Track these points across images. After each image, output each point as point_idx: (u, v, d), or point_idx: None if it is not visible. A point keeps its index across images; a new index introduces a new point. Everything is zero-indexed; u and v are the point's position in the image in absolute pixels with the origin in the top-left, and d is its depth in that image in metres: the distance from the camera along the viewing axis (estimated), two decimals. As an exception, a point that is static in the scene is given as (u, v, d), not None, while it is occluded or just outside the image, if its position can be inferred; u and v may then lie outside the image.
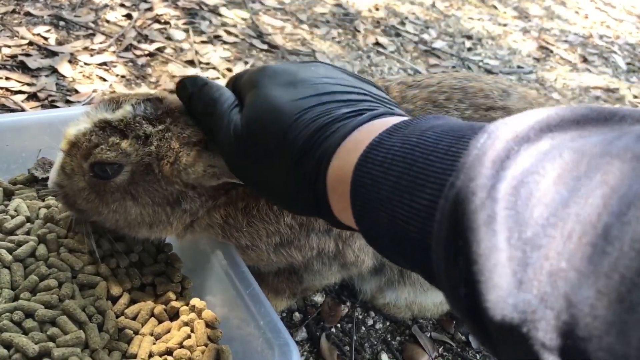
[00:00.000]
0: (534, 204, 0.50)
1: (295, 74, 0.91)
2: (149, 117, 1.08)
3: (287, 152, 0.82)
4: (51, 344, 1.00)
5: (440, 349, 1.48)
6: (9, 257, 1.12)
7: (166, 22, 2.66)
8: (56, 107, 1.92)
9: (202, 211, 1.13)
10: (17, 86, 1.95)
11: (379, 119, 0.79)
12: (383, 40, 3.16)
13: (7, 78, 1.97)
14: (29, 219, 1.23)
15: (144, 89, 2.14)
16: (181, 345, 1.09)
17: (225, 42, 2.66)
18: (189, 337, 1.11)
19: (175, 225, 1.13)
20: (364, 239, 0.76)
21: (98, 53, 2.28)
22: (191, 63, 2.41)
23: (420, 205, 0.62)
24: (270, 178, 0.87)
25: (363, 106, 0.83)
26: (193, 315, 1.15)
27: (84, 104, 1.95)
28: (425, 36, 3.37)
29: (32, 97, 1.94)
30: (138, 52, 2.37)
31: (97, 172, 1.06)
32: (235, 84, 1.01)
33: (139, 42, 2.45)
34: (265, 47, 2.72)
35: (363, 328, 1.49)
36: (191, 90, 1.01)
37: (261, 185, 0.91)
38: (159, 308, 1.16)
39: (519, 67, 3.33)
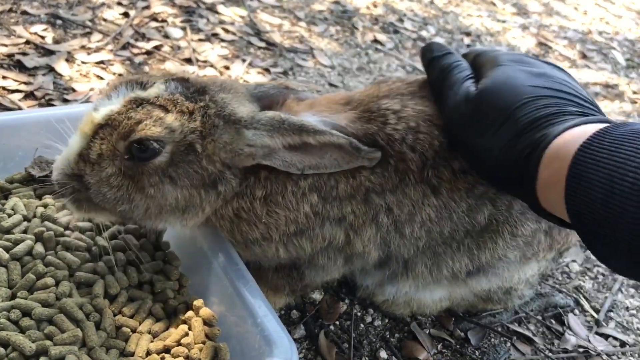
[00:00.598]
0: None
1: (539, 67, 1.03)
2: (185, 94, 1.07)
3: (514, 123, 0.93)
4: (48, 343, 1.00)
5: (439, 346, 1.48)
6: (6, 256, 1.11)
7: (163, 20, 2.65)
8: (53, 105, 1.91)
9: (232, 195, 1.12)
10: (14, 85, 1.95)
11: (603, 123, 0.88)
12: (381, 37, 3.15)
13: (4, 77, 1.96)
14: (25, 218, 1.23)
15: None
16: (179, 343, 1.09)
17: (222, 40, 2.65)
18: (186, 334, 1.11)
19: (207, 210, 1.11)
20: (567, 212, 0.83)
21: (95, 51, 2.27)
22: (189, 61, 2.41)
23: None
24: (490, 144, 0.97)
25: (589, 111, 0.95)
26: (191, 313, 1.15)
27: (81, 103, 1.95)
28: (424, 33, 3.36)
29: (29, 95, 1.94)
30: (135, 51, 2.37)
31: (135, 153, 1.02)
32: (475, 59, 1.13)
33: (136, 40, 2.44)
34: (263, 44, 2.72)
35: (362, 325, 1.49)
36: (435, 54, 1.14)
37: (477, 151, 1.01)
38: (156, 306, 1.15)
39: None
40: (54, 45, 2.23)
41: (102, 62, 2.22)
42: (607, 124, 0.86)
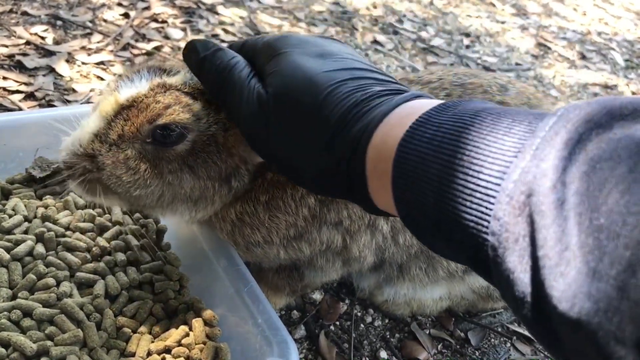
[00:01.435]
0: (608, 190, 0.48)
1: (322, 46, 0.88)
2: None
3: (322, 125, 0.78)
4: (49, 343, 1.00)
5: (439, 346, 1.49)
6: (7, 256, 1.12)
7: (164, 21, 2.65)
8: (54, 106, 1.91)
9: (242, 191, 1.11)
10: (14, 86, 1.95)
11: (420, 99, 0.77)
12: (381, 38, 3.16)
13: (4, 78, 1.97)
14: (26, 218, 1.23)
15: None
16: (179, 344, 1.09)
17: (223, 41, 2.65)
18: (187, 335, 1.11)
19: (217, 203, 1.10)
20: (402, 221, 0.72)
21: (95, 52, 2.27)
22: (189, 62, 2.41)
23: (477, 186, 0.59)
24: (300, 152, 0.83)
25: (394, 86, 0.81)
26: (191, 313, 1.15)
27: (81, 103, 1.95)
28: (424, 34, 3.37)
29: (30, 96, 1.94)
30: (135, 51, 2.37)
31: (158, 138, 0.99)
32: (243, 50, 0.97)
33: (136, 41, 2.45)
34: (263, 45, 2.72)
35: (362, 325, 1.49)
36: (202, 54, 0.94)
37: (288, 161, 0.87)
38: (157, 306, 1.16)
39: (517, 64, 3.33)
40: (55, 46, 2.23)
41: (102, 62, 2.23)
42: (426, 103, 0.74)
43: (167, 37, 2.55)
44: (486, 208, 0.57)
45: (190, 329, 1.12)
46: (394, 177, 0.69)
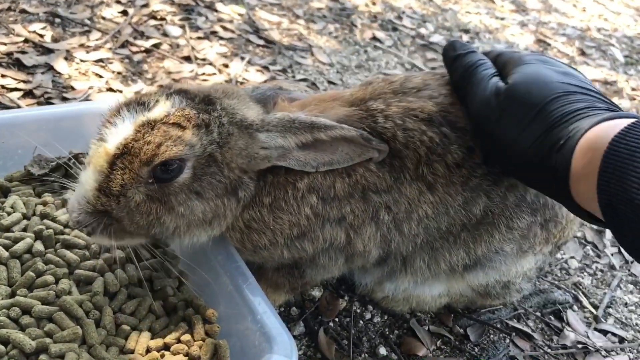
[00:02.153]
0: None
1: (564, 68, 1.06)
2: (194, 106, 1.06)
3: (545, 117, 0.95)
4: (48, 340, 1.00)
5: (438, 342, 1.49)
6: (6, 254, 1.12)
7: (162, 19, 2.65)
8: (52, 104, 1.91)
9: (249, 198, 1.12)
10: (13, 83, 1.95)
11: (633, 118, 0.89)
12: (380, 34, 3.15)
13: (2, 75, 1.96)
14: (25, 216, 1.23)
15: (139, 86, 2.13)
16: (179, 340, 1.09)
17: (221, 38, 2.65)
18: (186, 332, 1.11)
19: (230, 217, 1.12)
20: (601, 211, 0.84)
21: (94, 50, 2.27)
22: (187, 59, 2.41)
23: None
24: (520, 138, 0.98)
25: (616, 108, 0.97)
26: (190, 310, 1.15)
27: (80, 101, 1.95)
28: (423, 30, 3.36)
29: (28, 94, 1.94)
30: (134, 49, 2.37)
31: (159, 176, 1.00)
32: (497, 59, 1.15)
33: (135, 38, 2.44)
34: (261, 42, 2.72)
35: (361, 322, 1.49)
36: (458, 52, 1.16)
37: (507, 145, 1.02)
38: (156, 303, 1.16)
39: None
40: (53, 44, 2.23)
41: (101, 60, 2.22)
42: (637, 117, 0.88)
43: (165, 34, 2.55)
44: None
45: (190, 326, 1.12)
46: (602, 168, 0.82)
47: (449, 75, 1.22)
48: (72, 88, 2.02)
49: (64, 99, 1.95)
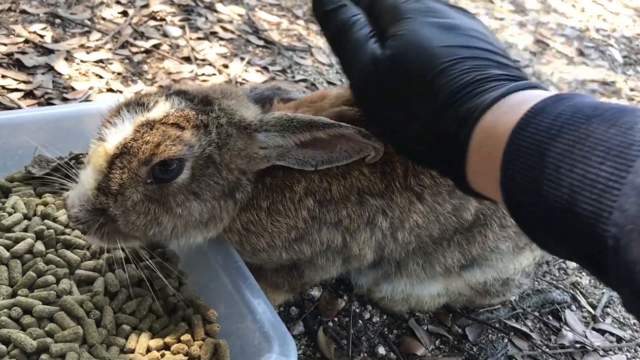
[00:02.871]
0: None
1: (448, 17, 0.88)
2: (193, 107, 1.06)
3: (432, 96, 0.80)
4: (49, 340, 1.01)
5: (437, 342, 1.49)
6: (7, 254, 1.12)
7: (162, 19, 2.66)
8: (53, 104, 1.92)
9: (247, 200, 1.12)
10: (13, 84, 1.95)
11: (534, 89, 0.77)
12: (379, 35, 3.15)
13: (3, 76, 1.97)
14: (26, 216, 1.24)
15: (140, 86, 2.14)
16: (179, 340, 1.10)
17: (221, 39, 2.66)
18: (186, 331, 1.12)
19: (226, 219, 1.12)
20: (505, 206, 0.73)
21: (94, 50, 2.28)
22: (187, 59, 2.41)
23: (598, 177, 0.60)
24: (406, 118, 0.85)
25: (513, 72, 0.81)
26: (190, 310, 1.16)
27: (80, 102, 1.95)
28: (422, 31, 3.36)
29: (29, 94, 1.95)
30: (134, 49, 2.37)
31: (158, 176, 1.00)
32: (373, 6, 0.96)
33: (135, 39, 2.45)
34: (261, 43, 2.72)
35: (360, 322, 1.50)
36: (328, 7, 0.97)
37: (392, 124, 0.89)
38: (156, 303, 1.16)
39: (515, 61, 3.33)
40: (53, 44, 2.23)
41: (101, 60, 2.23)
42: (540, 93, 0.75)
43: (165, 35, 2.55)
44: (609, 200, 0.58)
45: (190, 326, 1.13)
46: (505, 161, 0.70)
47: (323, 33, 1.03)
48: (73, 88, 2.03)
49: (65, 100, 1.96)
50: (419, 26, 0.86)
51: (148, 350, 1.08)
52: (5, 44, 2.14)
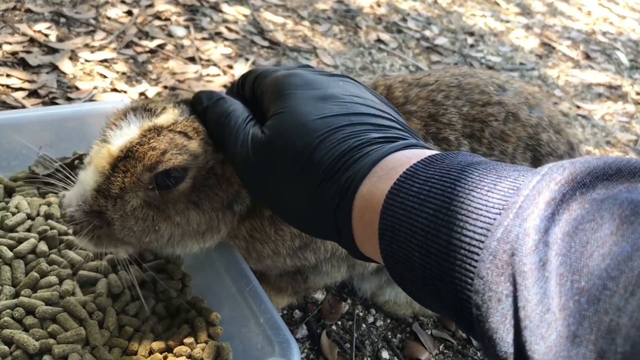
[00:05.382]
0: (589, 253, 0.48)
1: (325, 88, 0.87)
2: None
3: (312, 171, 0.78)
4: (52, 341, 1.00)
5: (441, 347, 1.48)
6: (10, 254, 1.12)
7: (167, 19, 2.65)
8: (57, 104, 1.92)
9: (246, 211, 1.10)
10: (17, 83, 1.95)
11: (411, 149, 0.76)
12: (385, 36, 3.15)
13: (7, 75, 1.97)
14: (29, 216, 1.23)
15: (144, 86, 2.14)
16: (181, 343, 1.09)
17: (226, 39, 2.65)
18: (189, 334, 1.11)
19: (223, 230, 1.10)
20: (388, 273, 0.72)
21: (99, 50, 2.27)
22: (192, 60, 2.41)
23: (461, 242, 0.58)
24: (290, 196, 0.83)
25: (392, 133, 0.80)
26: (193, 312, 1.15)
27: (84, 101, 1.95)
28: (427, 33, 3.36)
29: (33, 94, 1.94)
30: (139, 49, 2.37)
31: (160, 182, 0.98)
32: (256, 83, 0.98)
33: (139, 38, 2.45)
34: (266, 43, 2.72)
35: (364, 325, 1.49)
36: (206, 104, 1.00)
37: (277, 203, 0.88)
38: (159, 305, 1.16)
39: (521, 63, 3.32)
40: (58, 44, 2.23)
41: (105, 60, 2.23)
42: (416, 154, 0.74)
43: (170, 34, 2.55)
44: (470, 265, 0.57)
45: (193, 328, 1.12)
46: (381, 230, 0.69)
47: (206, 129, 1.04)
48: (77, 88, 2.03)
49: (69, 99, 1.96)
50: (295, 102, 0.85)
51: (151, 352, 1.07)
52: (9, 43, 2.14)
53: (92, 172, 1.01)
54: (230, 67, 2.43)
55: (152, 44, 2.42)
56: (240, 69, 2.42)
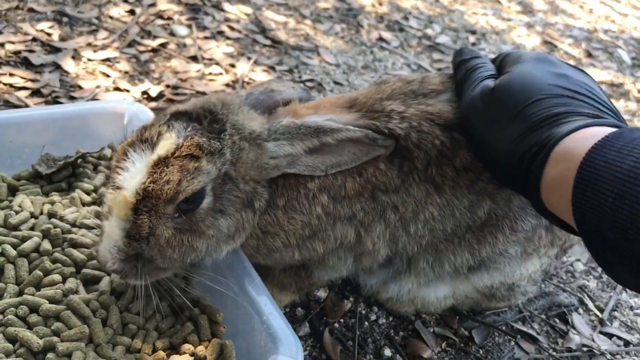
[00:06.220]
0: None
1: (562, 68, 1.01)
2: (204, 132, 1.04)
3: (523, 120, 0.92)
4: (55, 339, 1.01)
5: (443, 344, 1.49)
6: (14, 253, 1.12)
7: (169, 18, 2.66)
8: (60, 103, 1.92)
9: (264, 207, 1.13)
10: (20, 82, 1.96)
11: (617, 128, 0.85)
12: (386, 35, 3.15)
13: (11, 74, 1.97)
14: (33, 215, 1.24)
15: (146, 85, 2.14)
16: (185, 340, 1.10)
17: (228, 38, 2.65)
18: (192, 332, 1.11)
19: (248, 228, 1.12)
20: (573, 215, 0.81)
21: (101, 49, 2.28)
22: (194, 59, 2.41)
23: None
24: (499, 139, 0.97)
25: (605, 115, 0.92)
26: (197, 310, 1.15)
27: (87, 100, 1.95)
28: (429, 31, 3.36)
29: (36, 93, 1.95)
30: (141, 48, 2.37)
31: (184, 208, 1.01)
32: (502, 61, 1.13)
33: (142, 37, 2.45)
34: (268, 42, 2.72)
35: (366, 323, 1.49)
36: (463, 57, 1.18)
37: (486, 145, 1.01)
38: (162, 303, 1.16)
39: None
40: (60, 43, 2.24)
41: (108, 59, 2.23)
42: (620, 129, 0.84)
43: (172, 33, 2.55)
44: None
45: (196, 326, 1.13)
46: (578, 178, 0.78)
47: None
48: (80, 87, 2.03)
49: (72, 98, 1.96)
50: (530, 67, 1.01)
51: (154, 350, 1.08)
52: (12, 42, 2.14)
53: (115, 221, 1.01)
54: (233, 65, 2.43)
55: (154, 43, 2.42)
56: (242, 67, 2.42)
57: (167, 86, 2.17)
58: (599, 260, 0.82)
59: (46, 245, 1.16)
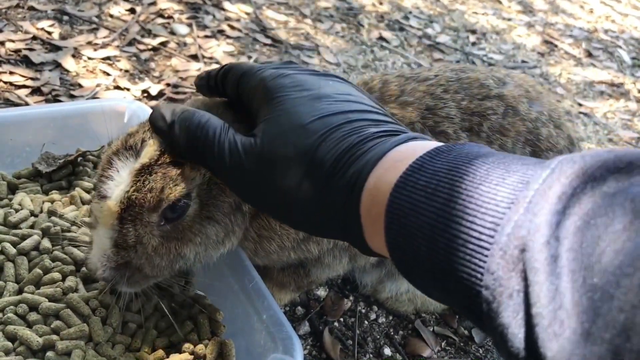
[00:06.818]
0: (602, 249, 0.47)
1: (317, 88, 0.85)
2: None
3: (317, 170, 0.77)
4: (55, 337, 1.00)
5: (443, 343, 1.49)
6: (13, 251, 1.12)
7: (170, 17, 2.66)
8: (60, 101, 1.92)
9: (254, 210, 1.10)
10: (21, 80, 1.95)
11: (415, 141, 0.75)
12: (387, 34, 3.15)
13: (11, 72, 1.97)
14: (32, 213, 1.24)
15: (147, 84, 2.14)
16: (185, 339, 1.10)
17: (228, 37, 2.65)
18: (192, 331, 1.11)
19: (238, 232, 1.10)
20: (396, 267, 0.71)
21: (102, 47, 2.28)
22: (194, 57, 2.41)
23: (469, 237, 0.57)
24: (294, 198, 0.80)
25: (390, 127, 0.79)
26: (196, 309, 1.15)
27: (87, 99, 1.95)
28: (429, 30, 3.36)
29: (36, 91, 1.95)
30: (141, 47, 2.37)
31: (169, 216, 0.99)
32: (240, 84, 0.94)
33: (142, 36, 2.45)
34: (268, 41, 2.72)
35: (366, 322, 1.49)
36: (171, 119, 0.92)
37: (281, 207, 0.84)
38: (162, 302, 1.16)
39: (523, 61, 3.32)
40: (61, 41, 2.23)
41: (108, 58, 2.23)
42: (422, 145, 0.72)
43: (173, 32, 2.55)
44: (480, 260, 0.56)
45: (196, 325, 1.13)
46: (387, 224, 0.68)
47: (172, 146, 0.96)
48: (80, 85, 2.03)
49: (72, 97, 1.96)
50: (291, 104, 0.83)
51: (154, 348, 1.08)
52: (13, 41, 2.14)
53: (102, 230, 1.00)
54: (233, 64, 2.43)
55: (154, 42, 2.42)
56: (243, 66, 2.42)
57: (168, 85, 2.17)
58: (419, 289, 0.72)
59: (46, 243, 1.16)
